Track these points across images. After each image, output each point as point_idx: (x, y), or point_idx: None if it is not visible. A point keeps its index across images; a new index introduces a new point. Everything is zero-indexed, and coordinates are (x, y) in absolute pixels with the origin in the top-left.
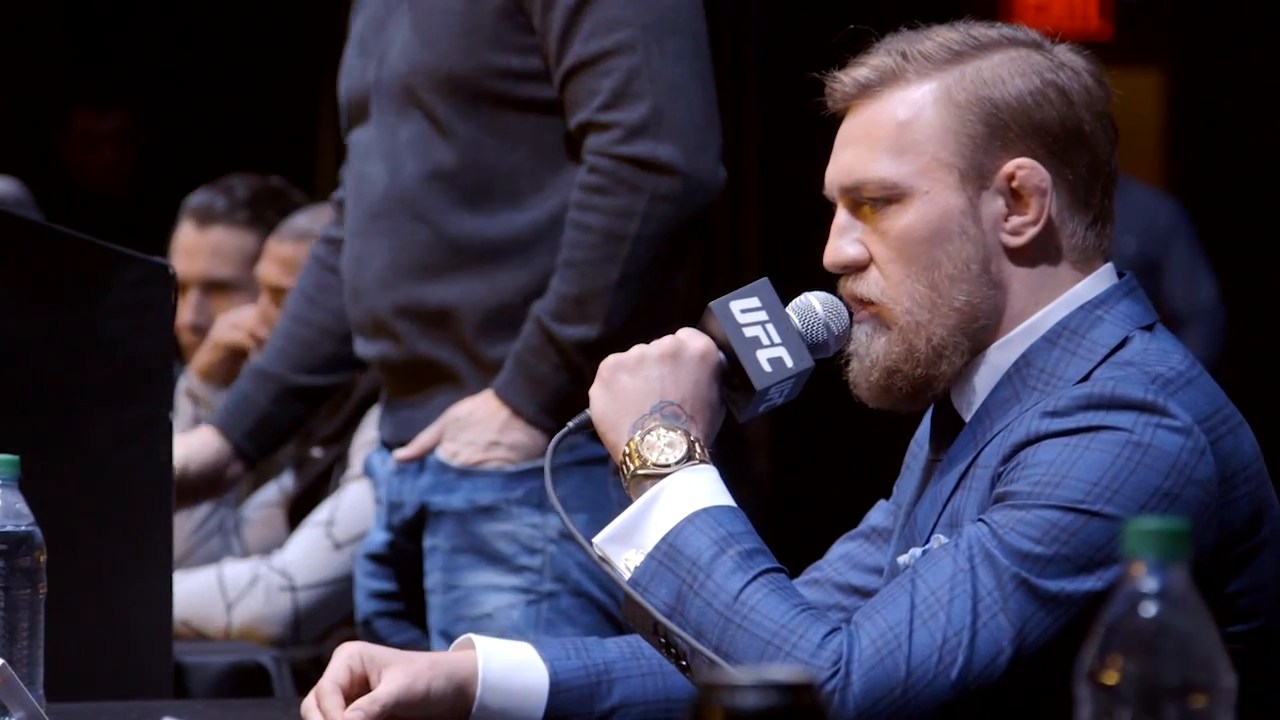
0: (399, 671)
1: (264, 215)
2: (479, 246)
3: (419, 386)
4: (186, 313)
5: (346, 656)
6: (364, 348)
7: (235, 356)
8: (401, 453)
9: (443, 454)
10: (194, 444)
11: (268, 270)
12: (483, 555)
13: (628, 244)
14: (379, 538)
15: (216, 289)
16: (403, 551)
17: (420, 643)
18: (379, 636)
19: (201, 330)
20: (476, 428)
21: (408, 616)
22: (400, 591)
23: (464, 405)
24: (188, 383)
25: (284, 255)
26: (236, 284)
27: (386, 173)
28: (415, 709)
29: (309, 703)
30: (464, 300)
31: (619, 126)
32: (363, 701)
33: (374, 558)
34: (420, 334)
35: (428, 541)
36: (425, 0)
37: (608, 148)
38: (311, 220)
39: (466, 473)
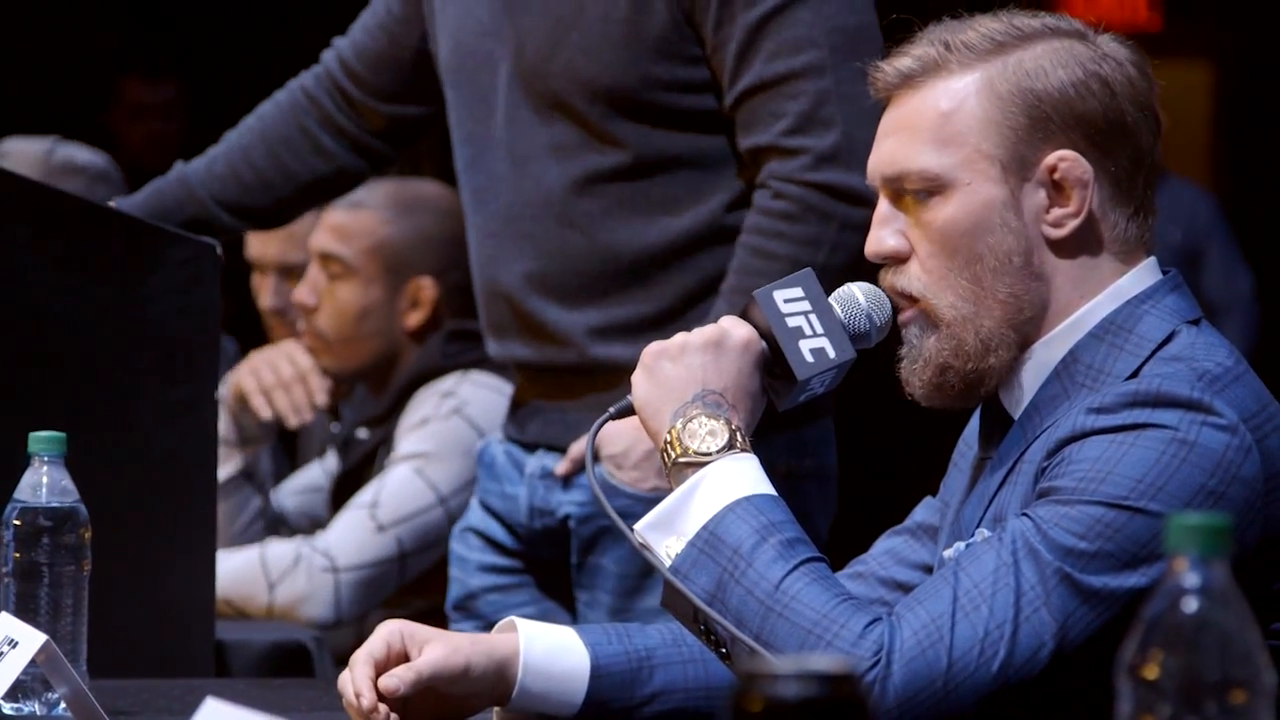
0: (439, 645)
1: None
2: (632, 257)
3: (566, 389)
4: (266, 297)
5: (386, 632)
6: (498, 348)
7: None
8: (562, 468)
9: (615, 479)
10: None
11: (318, 238)
12: (653, 578)
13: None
14: (494, 526)
15: (292, 272)
16: (534, 557)
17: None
18: (483, 615)
19: (281, 313)
20: (640, 459)
21: (524, 591)
22: (521, 567)
23: (621, 433)
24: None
25: (336, 223)
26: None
27: (529, 176)
28: (455, 683)
29: (344, 676)
30: (613, 310)
31: (808, 152)
32: (400, 669)
33: (483, 537)
34: (567, 340)
35: (590, 558)
36: (579, 4)
37: (796, 174)
38: (367, 193)
39: (639, 499)
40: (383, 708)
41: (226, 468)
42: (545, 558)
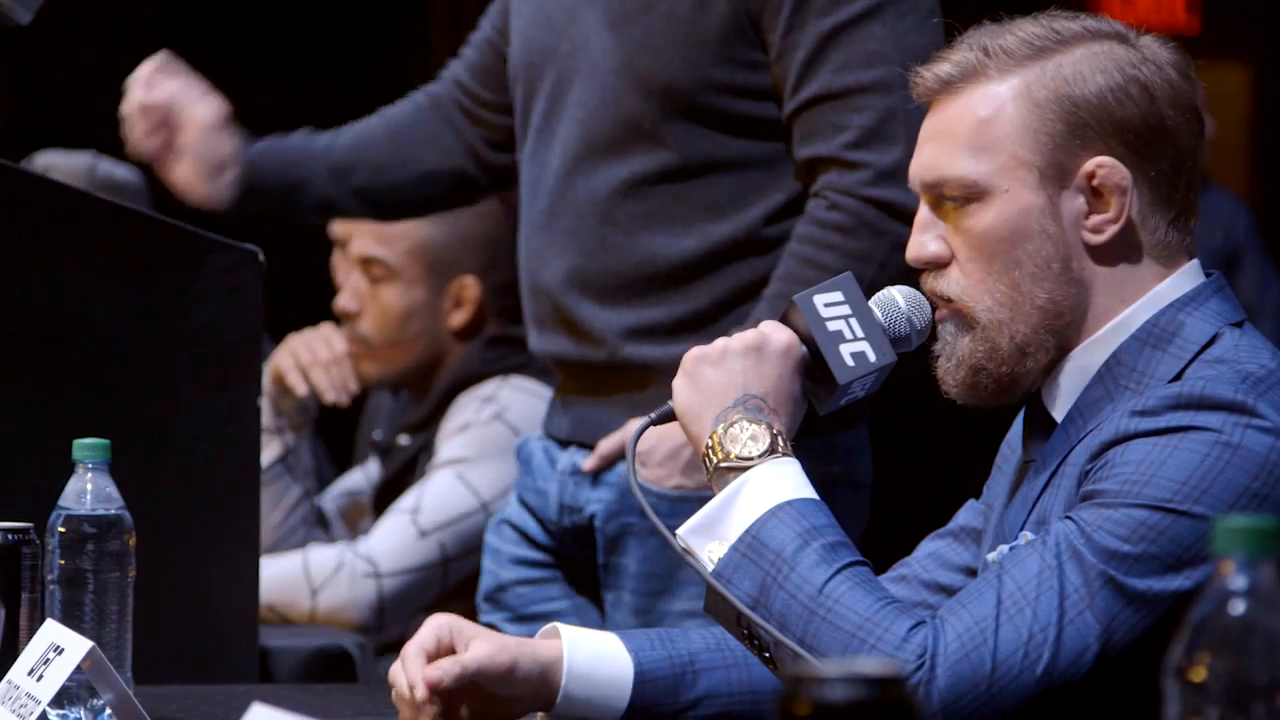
0: (486, 643)
1: None
2: (669, 263)
3: (599, 387)
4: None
5: (436, 626)
6: (539, 342)
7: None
8: (588, 464)
9: (646, 478)
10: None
11: (358, 244)
12: (675, 579)
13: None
14: (529, 521)
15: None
16: (566, 555)
17: (562, 616)
18: (512, 607)
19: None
20: (665, 458)
21: (555, 585)
22: (553, 562)
23: (649, 432)
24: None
25: (376, 227)
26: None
27: (579, 173)
28: (499, 683)
29: (395, 667)
30: (649, 311)
31: (869, 168)
32: (445, 662)
33: (518, 530)
34: (602, 338)
35: (613, 558)
36: (646, 2)
37: (855, 188)
38: None
39: (663, 497)
40: (430, 708)
41: (266, 454)
42: (575, 555)
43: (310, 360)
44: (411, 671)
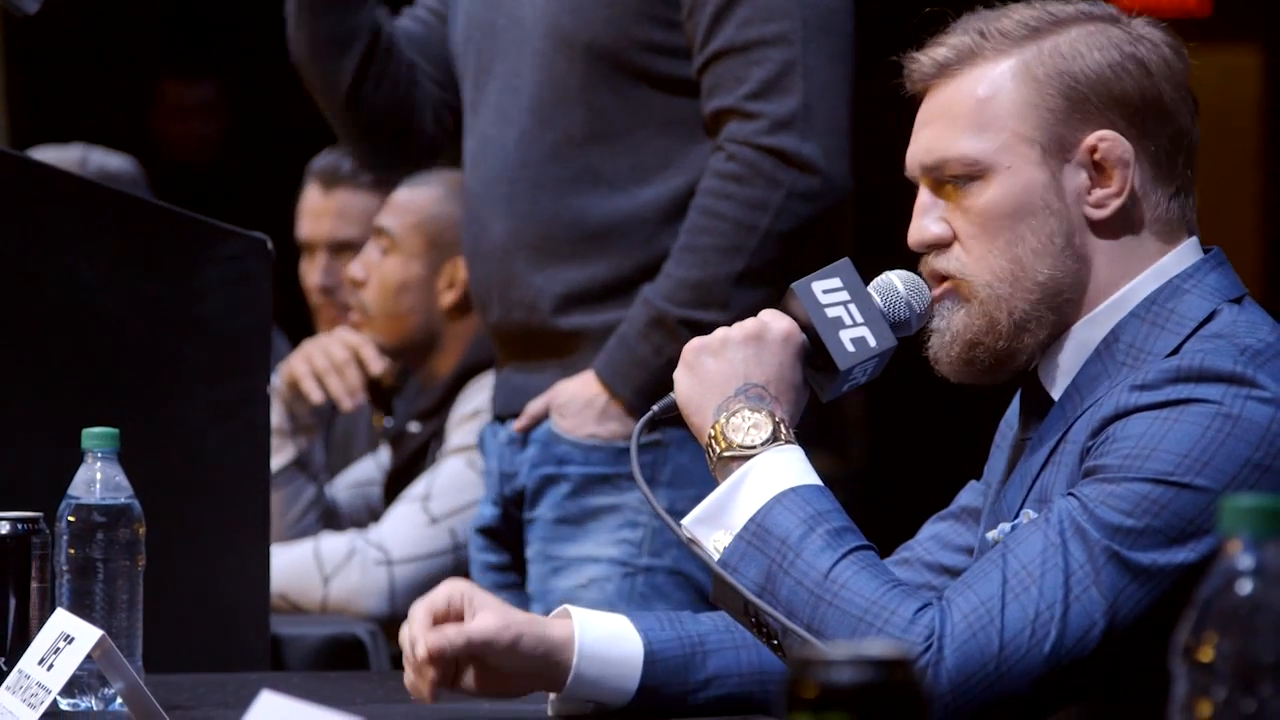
0: (492, 614)
1: (387, 177)
2: (598, 223)
3: (531, 355)
4: (315, 274)
5: (449, 589)
6: (481, 315)
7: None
8: (519, 424)
9: (556, 427)
10: None
11: (379, 215)
12: (583, 526)
13: (757, 237)
14: (489, 512)
15: (343, 250)
16: (514, 523)
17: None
18: None
19: (330, 291)
20: (581, 408)
21: (521, 588)
22: (514, 563)
23: (567, 386)
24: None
25: (396, 199)
26: (362, 244)
27: (511, 138)
28: (501, 656)
29: (404, 628)
30: (578, 275)
31: (765, 117)
32: (449, 629)
33: (484, 531)
34: (534, 305)
35: (529, 513)
36: None
37: (751, 137)
38: (433, 175)
39: (577, 445)
40: (430, 670)
41: (280, 457)
42: (519, 522)
43: (325, 366)
44: (416, 629)
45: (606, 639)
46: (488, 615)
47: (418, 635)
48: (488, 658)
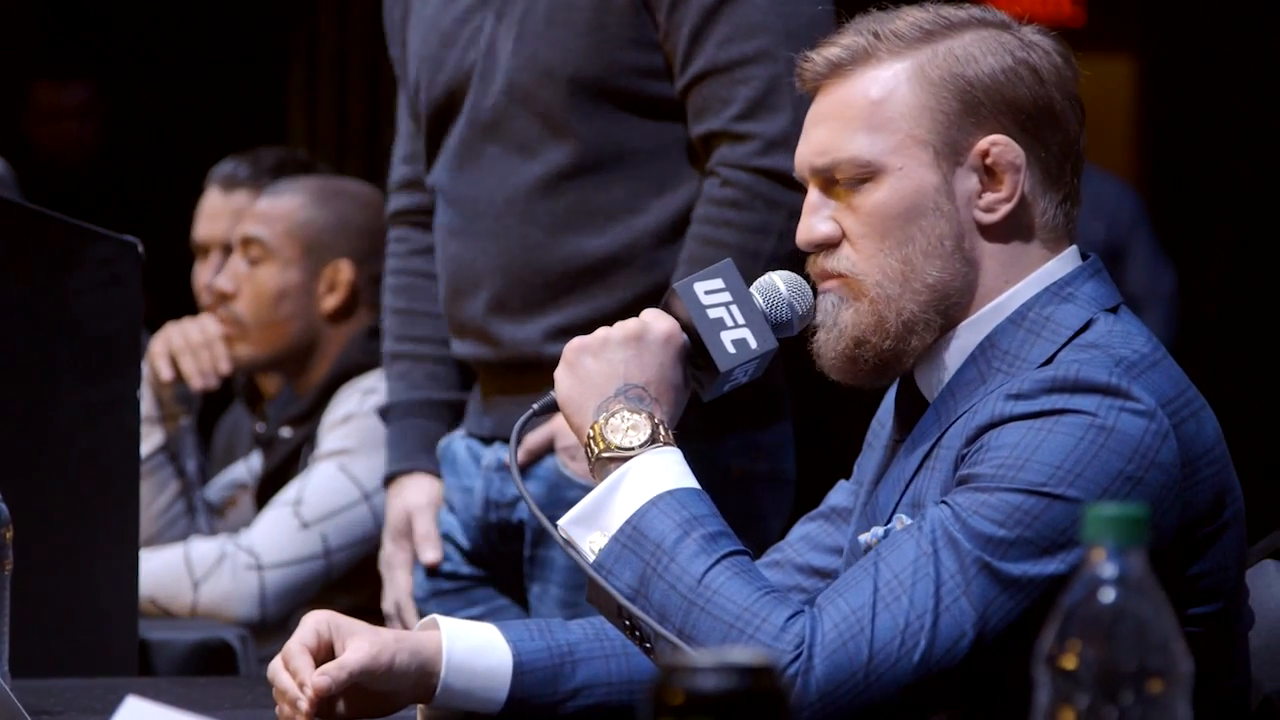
0: (364, 642)
1: None
2: (597, 258)
3: (525, 384)
4: (206, 274)
5: (314, 622)
6: (461, 347)
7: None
8: (519, 456)
9: (568, 470)
10: (422, 498)
11: (241, 225)
12: None
13: (762, 262)
14: (451, 521)
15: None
16: (487, 544)
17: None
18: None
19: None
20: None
21: (459, 594)
22: (475, 580)
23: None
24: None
25: (258, 209)
26: None
27: (494, 175)
28: (378, 680)
29: (276, 664)
30: (579, 310)
31: (756, 138)
32: (330, 667)
33: (446, 539)
34: (528, 339)
35: (538, 550)
36: None
37: (744, 160)
38: (292, 182)
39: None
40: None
41: (147, 443)
42: (501, 552)
43: (181, 346)
44: (303, 671)
45: (474, 650)
46: (359, 643)
47: (306, 677)
48: (366, 684)
